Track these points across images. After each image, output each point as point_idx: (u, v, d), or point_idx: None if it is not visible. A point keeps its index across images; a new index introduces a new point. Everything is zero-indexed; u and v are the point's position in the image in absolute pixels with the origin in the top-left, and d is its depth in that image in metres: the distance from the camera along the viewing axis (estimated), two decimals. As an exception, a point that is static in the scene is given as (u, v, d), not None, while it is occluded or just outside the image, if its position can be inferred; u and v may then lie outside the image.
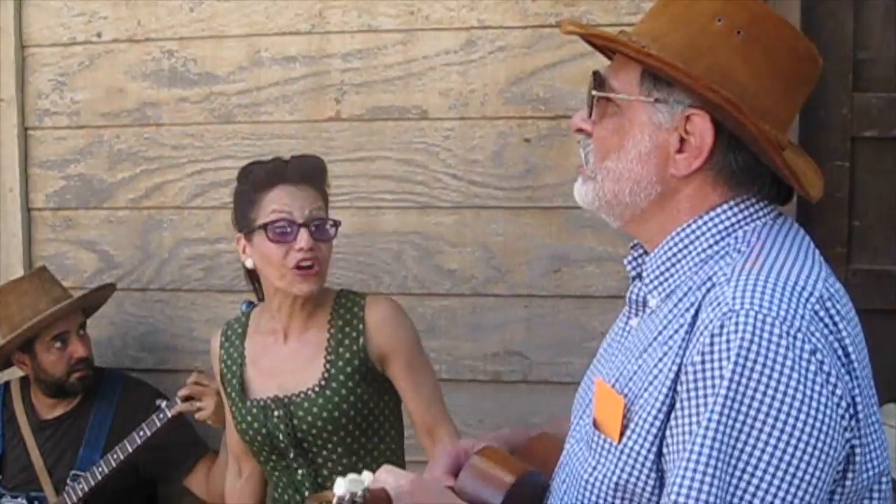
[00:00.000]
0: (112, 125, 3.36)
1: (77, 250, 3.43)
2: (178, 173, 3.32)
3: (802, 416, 1.28)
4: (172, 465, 3.12)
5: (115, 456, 2.96)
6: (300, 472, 2.50)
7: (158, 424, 2.89)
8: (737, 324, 1.31)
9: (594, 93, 1.51)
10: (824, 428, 1.29)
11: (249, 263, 2.50)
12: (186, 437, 3.09)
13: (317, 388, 2.45)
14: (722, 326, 1.32)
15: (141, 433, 2.92)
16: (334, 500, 1.35)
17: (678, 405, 1.34)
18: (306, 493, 2.50)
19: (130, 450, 2.94)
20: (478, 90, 3.08)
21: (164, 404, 2.89)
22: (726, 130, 1.43)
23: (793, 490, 1.28)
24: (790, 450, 1.28)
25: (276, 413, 2.47)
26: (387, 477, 1.46)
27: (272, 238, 2.43)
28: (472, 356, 3.14)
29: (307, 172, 2.50)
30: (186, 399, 2.84)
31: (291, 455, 2.49)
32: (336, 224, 2.51)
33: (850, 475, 1.34)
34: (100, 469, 2.99)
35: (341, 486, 1.36)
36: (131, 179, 3.36)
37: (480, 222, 3.10)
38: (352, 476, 1.37)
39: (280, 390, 2.49)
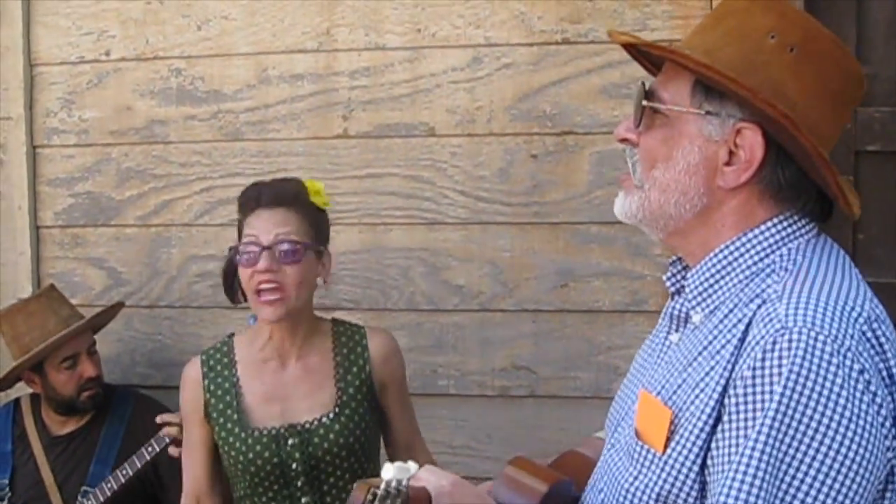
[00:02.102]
0: (120, 143, 3.38)
1: (85, 268, 3.45)
2: (187, 191, 3.34)
3: (850, 434, 1.30)
4: (175, 486, 3.10)
5: (123, 472, 2.97)
6: (304, 499, 2.48)
7: (167, 441, 2.89)
8: (790, 341, 1.33)
9: (644, 103, 1.52)
10: (869, 447, 1.31)
11: None
12: None
13: (331, 415, 2.46)
14: (774, 343, 1.33)
15: (150, 449, 2.92)
16: (382, 485, 1.35)
17: (725, 418, 1.36)
18: None
19: (139, 465, 2.95)
20: (484, 107, 3.10)
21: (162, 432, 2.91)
22: (775, 145, 1.45)
23: None
24: (836, 465, 1.30)
25: (290, 441, 2.46)
26: (428, 476, 1.46)
27: (241, 262, 2.44)
28: (480, 371, 3.15)
29: (279, 195, 2.48)
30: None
31: (299, 483, 2.47)
32: (307, 246, 2.45)
33: (888, 495, 1.36)
34: (108, 485, 3.00)
35: (389, 471, 1.36)
36: (139, 197, 3.38)
37: (488, 238, 3.12)
38: (399, 463, 1.37)
39: (288, 418, 2.48)
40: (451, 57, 3.12)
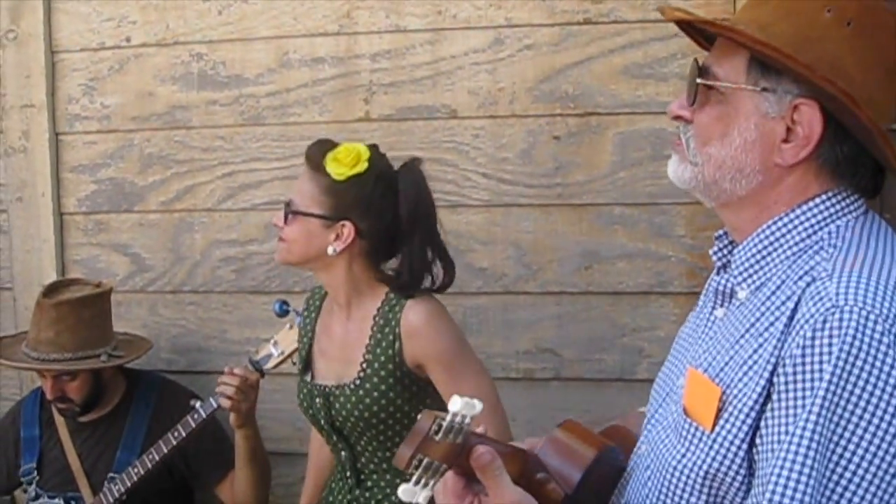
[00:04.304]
0: (142, 129, 3.39)
1: (109, 254, 3.46)
2: (209, 176, 3.34)
3: None
4: (205, 472, 3.13)
5: (150, 456, 2.97)
6: (343, 454, 2.59)
7: (193, 425, 2.90)
8: (840, 319, 1.32)
9: (699, 80, 1.51)
10: None
11: None
12: (222, 446, 3.09)
13: (352, 385, 2.50)
14: (825, 321, 1.32)
15: (175, 434, 2.93)
16: (448, 417, 1.30)
17: (775, 397, 1.35)
18: (347, 474, 2.58)
19: (165, 450, 2.94)
20: (506, 88, 3.09)
21: (198, 404, 2.90)
22: (833, 120, 1.44)
23: (885, 487, 1.29)
24: (884, 445, 1.29)
25: (317, 399, 2.56)
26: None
27: None
28: (504, 354, 3.14)
29: (307, 156, 2.55)
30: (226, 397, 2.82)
31: (334, 438, 2.58)
32: (301, 213, 2.49)
33: None
34: (135, 470, 2.99)
35: (457, 403, 1.30)
36: (162, 182, 3.39)
37: (511, 220, 3.11)
38: (467, 399, 1.31)
39: (322, 376, 2.59)
40: (473, 38, 3.10)
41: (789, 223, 1.48)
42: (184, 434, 2.92)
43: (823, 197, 1.48)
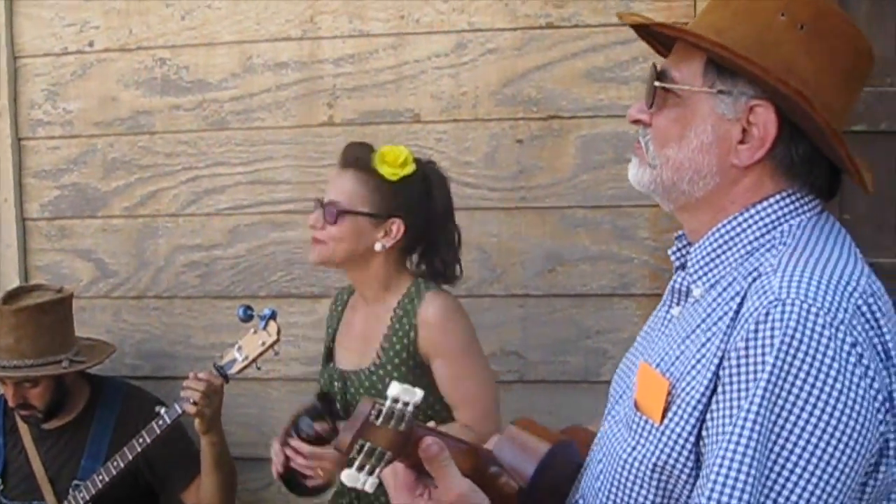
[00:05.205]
0: (105, 134, 3.38)
1: (72, 259, 3.44)
2: (173, 181, 3.34)
3: (840, 406, 1.31)
4: (172, 478, 3.11)
5: (115, 463, 2.96)
6: None
7: (158, 431, 2.89)
8: (782, 312, 1.34)
9: (656, 84, 1.52)
10: (860, 419, 1.32)
11: None
12: (187, 451, 3.08)
13: (367, 371, 2.60)
14: (767, 314, 1.34)
15: (140, 440, 2.92)
16: (387, 402, 1.30)
17: (720, 389, 1.37)
18: None
19: (130, 457, 2.93)
20: (469, 92, 3.10)
21: (162, 410, 2.89)
22: (788, 121, 1.46)
23: (826, 477, 1.31)
24: (825, 437, 1.31)
25: (336, 384, 2.66)
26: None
27: None
28: (469, 357, 3.14)
29: (346, 158, 2.63)
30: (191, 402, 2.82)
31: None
32: (350, 212, 2.56)
33: (882, 468, 1.37)
34: (100, 477, 2.98)
35: (395, 388, 1.30)
36: (126, 188, 3.38)
37: (474, 223, 3.11)
38: (407, 386, 1.31)
39: (342, 362, 2.69)
40: (436, 43, 3.12)
41: (743, 222, 1.50)
42: (149, 440, 2.91)
43: (777, 197, 1.50)
